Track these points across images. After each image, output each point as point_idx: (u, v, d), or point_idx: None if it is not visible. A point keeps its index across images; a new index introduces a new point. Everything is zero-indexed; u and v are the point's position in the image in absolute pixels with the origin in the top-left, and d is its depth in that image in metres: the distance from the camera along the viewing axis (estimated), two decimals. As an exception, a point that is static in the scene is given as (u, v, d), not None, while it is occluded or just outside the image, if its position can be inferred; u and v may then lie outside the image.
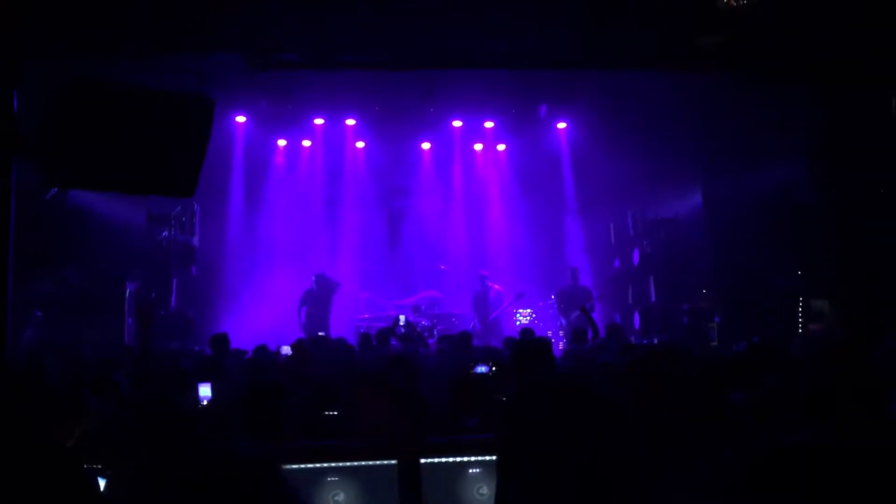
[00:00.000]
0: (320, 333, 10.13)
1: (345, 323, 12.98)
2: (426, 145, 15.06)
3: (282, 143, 14.74)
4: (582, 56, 8.54)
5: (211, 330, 11.84)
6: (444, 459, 2.94)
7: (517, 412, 3.10)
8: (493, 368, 5.82)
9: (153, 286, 12.10)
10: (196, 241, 13.55)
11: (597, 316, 11.25)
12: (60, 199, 10.33)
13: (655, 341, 11.79)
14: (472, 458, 2.94)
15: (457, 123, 14.50)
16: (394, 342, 10.38)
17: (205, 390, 6.01)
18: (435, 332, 13.12)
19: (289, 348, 8.75)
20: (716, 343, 10.81)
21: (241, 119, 13.82)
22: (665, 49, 8.13)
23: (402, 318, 12.74)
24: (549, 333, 12.97)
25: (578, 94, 12.39)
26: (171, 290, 12.88)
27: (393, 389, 4.66)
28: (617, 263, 14.43)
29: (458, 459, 2.95)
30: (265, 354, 8.47)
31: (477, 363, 5.84)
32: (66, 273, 10.77)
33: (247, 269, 13.85)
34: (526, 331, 9.86)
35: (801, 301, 10.58)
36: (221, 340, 8.04)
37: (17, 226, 7.23)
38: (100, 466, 2.64)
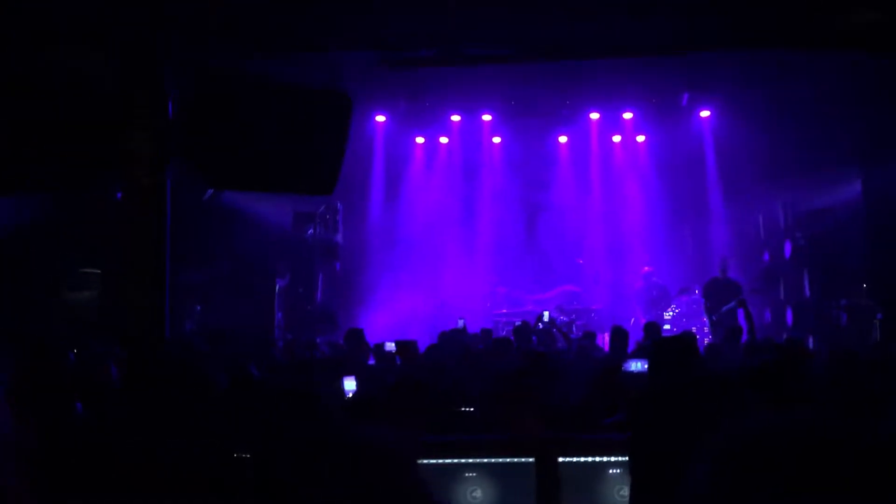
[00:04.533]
0: (460, 321, 10.14)
1: (482, 317, 13.03)
2: (563, 139, 14.88)
3: (420, 140, 14.98)
4: (722, 38, 8.15)
5: (353, 323, 12.24)
6: (583, 459, 2.88)
7: (648, 413, 2.99)
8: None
9: (300, 281, 12.60)
10: (339, 237, 14.01)
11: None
12: (216, 200, 10.92)
13: (811, 340, 11.11)
14: (613, 459, 2.86)
15: (594, 116, 14.24)
16: (534, 339, 10.28)
17: (349, 384, 5.99)
18: (573, 328, 12.94)
19: (393, 345, 8.06)
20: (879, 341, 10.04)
21: (380, 118, 14.14)
22: (814, 27, 7.61)
23: (545, 314, 12.56)
24: (693, 329, 12.47)
25: (721, 81, 11.82)
26: (316, 285, 13.39)
27: (529, 388, 4.62)
28: (766, 257, 13.71)
29: (598, 459, 2.87)
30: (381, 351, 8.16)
31: (631, 359, 5.61)
32: (220, 268, 11.39)
33: (387, 264, 14.16)
34: (651, 325, 9.24)
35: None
36: (355, 335, 8.21)
37: (175, 223, 7.68)
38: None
